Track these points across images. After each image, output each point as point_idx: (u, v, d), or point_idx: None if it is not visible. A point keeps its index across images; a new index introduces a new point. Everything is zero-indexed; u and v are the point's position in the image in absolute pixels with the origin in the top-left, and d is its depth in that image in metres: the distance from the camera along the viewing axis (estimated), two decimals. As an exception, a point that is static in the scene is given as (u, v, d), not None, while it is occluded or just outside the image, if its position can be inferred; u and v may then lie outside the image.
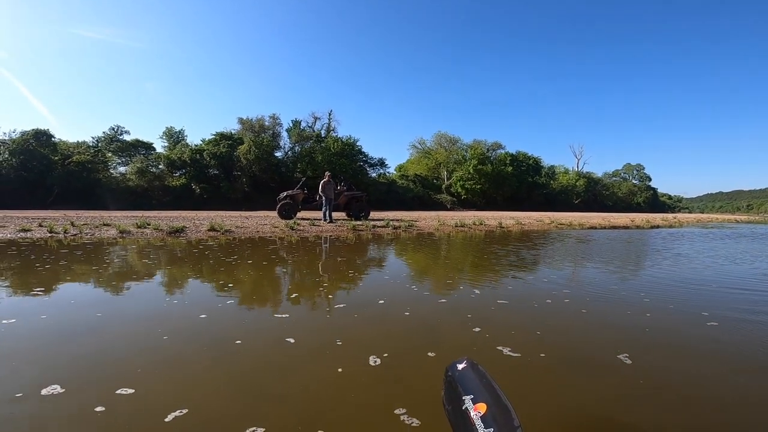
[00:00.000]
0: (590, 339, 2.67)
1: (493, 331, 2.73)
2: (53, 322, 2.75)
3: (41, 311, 2.98)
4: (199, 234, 8.68)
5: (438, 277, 4.87)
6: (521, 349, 2.35)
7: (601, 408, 1.76)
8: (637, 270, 5.67)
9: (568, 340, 2.61)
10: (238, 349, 2.31)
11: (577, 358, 2.29)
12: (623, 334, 2.72)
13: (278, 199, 13.47)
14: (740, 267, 5.97)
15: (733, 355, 2.39)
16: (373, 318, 3.00)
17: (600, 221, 19.96)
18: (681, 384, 2.00)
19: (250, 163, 32.38)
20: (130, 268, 4.92)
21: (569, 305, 3.45)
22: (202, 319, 2.86)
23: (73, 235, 7.94)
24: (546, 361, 2.21)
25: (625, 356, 2.26)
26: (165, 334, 2.52)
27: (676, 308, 3.38)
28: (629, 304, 3.50)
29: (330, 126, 40.85)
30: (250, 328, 2.72)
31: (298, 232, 9.87)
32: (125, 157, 32.41)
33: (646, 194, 70.28)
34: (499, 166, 46.47)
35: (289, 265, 5.48)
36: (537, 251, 7.67)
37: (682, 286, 4.42)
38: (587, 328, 2.90)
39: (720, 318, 3.07)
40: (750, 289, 4.26)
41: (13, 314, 2.85)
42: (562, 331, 2.77)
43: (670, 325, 2.92)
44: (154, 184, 29.58)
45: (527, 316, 3.13)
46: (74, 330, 2.60)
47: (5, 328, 2.58)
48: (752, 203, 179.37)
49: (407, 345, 2.46)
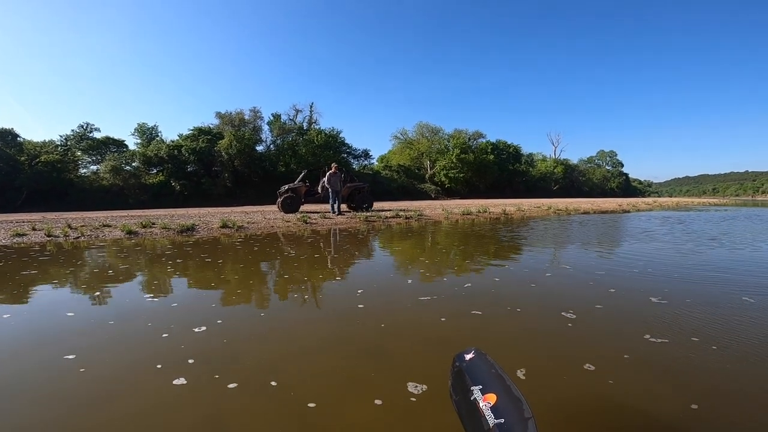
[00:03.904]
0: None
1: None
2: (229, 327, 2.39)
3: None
4: (212, 232, 8.16)
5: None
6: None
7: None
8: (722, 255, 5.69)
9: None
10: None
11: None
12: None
13: (279, 193, 12.99)
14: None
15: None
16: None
17: (590, 206, 20.39)
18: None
19: (232, 158, 31.25)
20: (219, 271, 4.48)
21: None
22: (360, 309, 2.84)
23: (75, 238, 7.27)
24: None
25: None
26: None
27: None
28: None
29: (312, 118, 39.94)
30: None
31: (312, 225, 9.47)
32: (96, 155, 30.60)
33: (619, 180, 72.74)
34: (481, 154, 46.81)
35: (349, 256, 5.34)
36: (566, 232, 7.64)
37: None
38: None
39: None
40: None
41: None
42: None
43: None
44: (130, 182, 28.05)
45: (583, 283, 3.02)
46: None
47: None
48: (717, 187, 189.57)
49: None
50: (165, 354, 2.10)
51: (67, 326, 2.59)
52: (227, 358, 2.05)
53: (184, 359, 2.01)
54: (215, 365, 1.95)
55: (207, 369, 1.91)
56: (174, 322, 2.64)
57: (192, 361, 1.99)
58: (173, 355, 2.09)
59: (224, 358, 2.05)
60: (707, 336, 2.24)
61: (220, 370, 1.88)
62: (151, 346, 2.22)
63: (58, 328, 2.57)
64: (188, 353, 2.09)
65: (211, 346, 2.19)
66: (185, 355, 2.06)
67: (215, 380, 1.79)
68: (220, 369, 1.90)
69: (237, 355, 2.08)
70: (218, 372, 1.87)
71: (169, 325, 2.56)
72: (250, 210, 14.96)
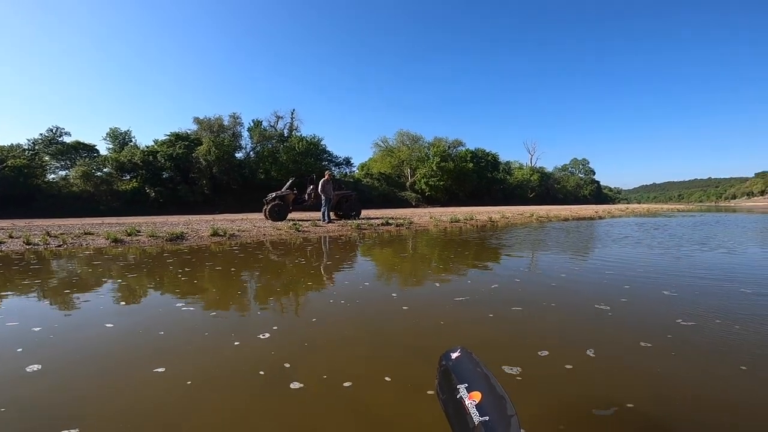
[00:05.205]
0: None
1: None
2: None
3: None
4: (202, 240, 7.89)
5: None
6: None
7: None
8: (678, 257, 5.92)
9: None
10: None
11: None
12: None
13: (266, 201, 12.72)
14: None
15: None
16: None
17: (569, 213, 21.01)
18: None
19: (210, 165, 30.53)
20: (230, 280, 4.28)
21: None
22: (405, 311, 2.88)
23: (57, 246, 6.87)
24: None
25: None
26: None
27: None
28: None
29: (293, 125, 39.58)
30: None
31: (305, 233, 9.32)
32: (66, 160, 29.27)
33: (591, 187, 75.48)
34: (461, 162, 47.59)
35: (363, 263, 5.33)
36: (560, 238, 7.81)
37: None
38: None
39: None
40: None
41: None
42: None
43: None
44: (102, 188, 26.94)
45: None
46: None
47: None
48: (683, 193, 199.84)
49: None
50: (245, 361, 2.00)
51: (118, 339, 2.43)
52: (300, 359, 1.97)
53: (255, 370, 1.92)
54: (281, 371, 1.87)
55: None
56: (239, 329, 2.63)
57: (262, 372, 1.90)
58: (250, 360, 1.99)
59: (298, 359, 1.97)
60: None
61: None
62: (236, 353, 2.12)
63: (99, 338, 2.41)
64: (258, 360, 1.99)
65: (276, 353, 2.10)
66: (256, 364, 1.96)
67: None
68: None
69: (302, 359, 2.00)
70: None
71: (233, 331, 2.58)
72: (232, 218, 14.57)
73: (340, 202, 13.76)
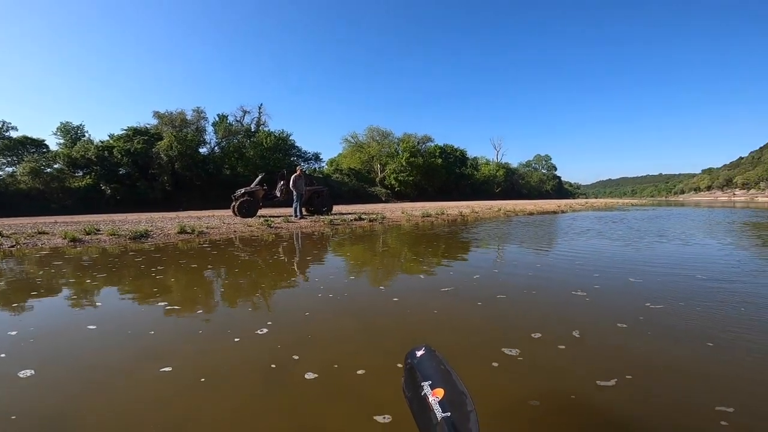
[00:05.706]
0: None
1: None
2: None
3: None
4: (169, 238, 7.57)
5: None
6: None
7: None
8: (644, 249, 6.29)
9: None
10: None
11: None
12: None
13: (234, 197, 12.40)
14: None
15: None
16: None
17: (534, 208, 21.77)
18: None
19: (172, 160, 29.21)
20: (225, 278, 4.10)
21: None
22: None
23: (10, 246, 6.39)
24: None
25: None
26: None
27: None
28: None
29: (260, 120, 38.58)
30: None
31: (278, 229, 9.16)
32: (12, 156, 27.17)
33: (553, 182, 78.60)
34: (430, 158, 48.19)
35: (341, 258, 5.28)
36: (528, 231, 8.11)
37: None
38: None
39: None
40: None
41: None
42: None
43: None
44: (52, 185, 25.16)
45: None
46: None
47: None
48: (636, 188, 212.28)
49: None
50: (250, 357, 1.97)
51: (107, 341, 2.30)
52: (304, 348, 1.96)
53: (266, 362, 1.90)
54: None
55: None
56: (234, 325, 2.58)
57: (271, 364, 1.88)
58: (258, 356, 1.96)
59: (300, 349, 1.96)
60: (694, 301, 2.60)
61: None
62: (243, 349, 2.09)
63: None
64: (264, 350, 1.97)
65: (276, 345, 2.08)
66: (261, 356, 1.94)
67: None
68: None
69: (309, 350, 1.99)
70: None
71: (228, 328, 2.54)
72: (198, 215, 14.06)
73: (312, 197, 13.62)
